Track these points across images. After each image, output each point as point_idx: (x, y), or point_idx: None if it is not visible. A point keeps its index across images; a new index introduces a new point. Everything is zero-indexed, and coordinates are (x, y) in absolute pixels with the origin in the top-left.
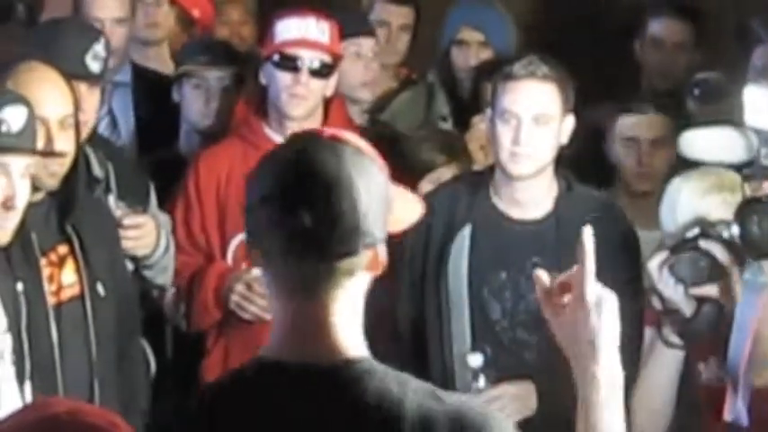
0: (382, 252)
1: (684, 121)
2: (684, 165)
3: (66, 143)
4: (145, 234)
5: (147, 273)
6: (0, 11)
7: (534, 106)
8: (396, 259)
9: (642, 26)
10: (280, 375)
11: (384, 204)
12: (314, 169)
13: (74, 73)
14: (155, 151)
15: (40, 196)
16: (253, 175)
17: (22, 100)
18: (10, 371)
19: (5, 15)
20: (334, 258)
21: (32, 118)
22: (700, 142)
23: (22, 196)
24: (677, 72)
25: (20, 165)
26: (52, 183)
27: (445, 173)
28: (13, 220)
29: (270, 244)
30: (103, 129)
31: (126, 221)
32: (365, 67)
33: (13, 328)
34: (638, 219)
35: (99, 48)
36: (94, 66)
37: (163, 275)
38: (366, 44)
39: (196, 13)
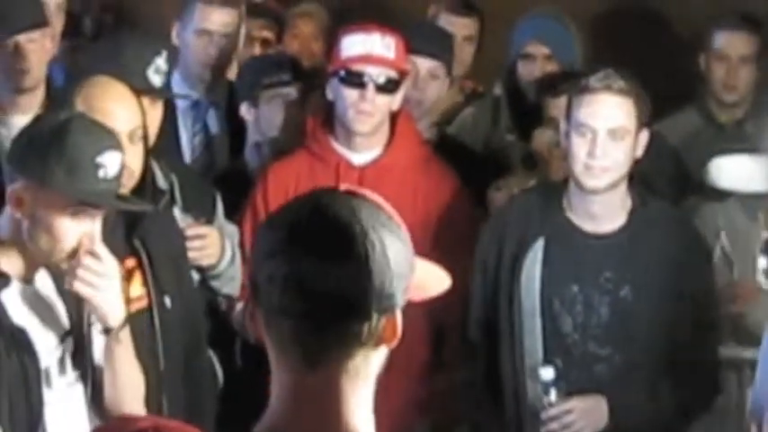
0: (399, 320)
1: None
2: (713, 193)
3: (135, 157)
4: (209, 245)
5: (213, 283)
6: (68, 25)
7: (610, 120)
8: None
9: (707, 38)
10: None
11: (405, 267)
12: (327, 222)
13: (135, 87)
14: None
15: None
16: (260, 228)
17: (120, 145)
18: (72, 377)
19: (74, 30)
20: (345, 321)
21: (124, 164)
22: (728, 170)
23: (98, 238)
24: (742, 84)
25: (104, 209)
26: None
27: (520, 183)
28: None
29: (273, 302)
30: (198, 145)
31: (189, 232)
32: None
33: (77, 328)
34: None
35: (161, 61)
36: (156, 79)
37: (229, 285)
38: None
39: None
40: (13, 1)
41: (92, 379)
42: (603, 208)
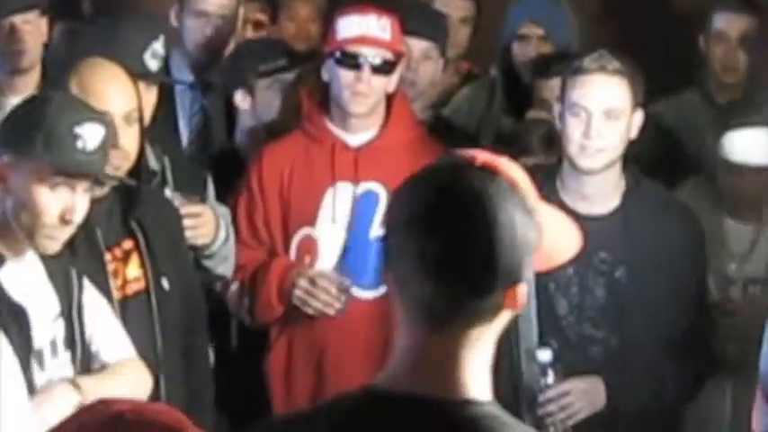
0: (522, 291)
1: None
2: (726, 166)
3: (130, 139)
4: (203, 223)
5: (207, 263)
6: (67, 7)
7: (605, 100)
8: None
9: (707, 20)
10: (398, 407)
11: (532, 242)
12: (462, 198)
13: (132, 71)
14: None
15: (104, 191)
16: (397, 195)
17: (102, 120)
18: (64, 358)
19: (72, 11)
20: (470, 293)
21: (108, 139)
22: (742, 144)
23: (81, 212)
24: (742, 66)
25: (85, 183)
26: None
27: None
28: (66, 232)
29: (406, 268)
30: (195, 126)
31: (183, 211)
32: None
33: (67, 312)
34: None
35: (158, 46)
36: (153, 64)
37: (223, 265)
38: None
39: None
40: None
41: (81, 362)
42: (598, 189)
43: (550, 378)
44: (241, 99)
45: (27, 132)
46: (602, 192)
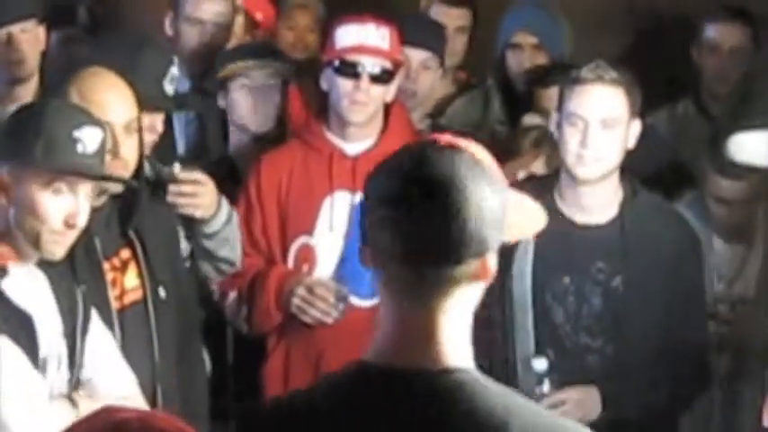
0: (492, 261)
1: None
2: (732, 167)
3: (130, 148)
4: (203, 192)
5: (208, 243)
6: (63, 15)
7: (602, 109)
8: None
9: (699, 31)
10: (382, 379)
11: (499, 214)
12: (431, 175)
13: (152, 97)
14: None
15: (102, 201)
16: (372, 175)
17: (99, 123)
18: (65, 376)
19: (68, 19)
20: (440, 265)
21: (105, 142)
22: (749, 145)
23: (84, 216)
24: (734, 76)
25: (87, 186)
26: (117, 187)
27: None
28: (71, 237)
29: (384, 245)
30: (190, 134)
31: (182, 176)
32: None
33: (69, 332)
34: None
35: (174, 70)
36: (170, 89)
37: (226, 248)
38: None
39: (259, 16)
40: None
41: (76, 385)
42: (595, 199)
43: (546, 387)
44: (221, 100)
45: (26, 141)
46: (600, 202)
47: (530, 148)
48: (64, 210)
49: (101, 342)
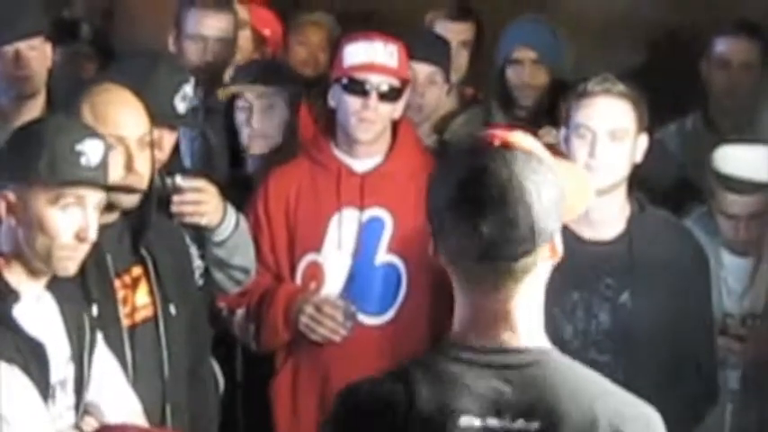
0: (558, 241)
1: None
2: (718, 179)
3: (144, 162)
4: (207, 199)
5: (219, 252)
6: (66, 31)
7: (609, 121)
8: None
9: (708, 45)
10: (464, 354)
11: (557, 201)
12: (488, 178)
13: (162, 114)
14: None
15: (113, 218)
16: (433, 183)
17: (100, 135)
18: (71, 401)
19: (71, 35)
20: (511, 259)
21: (107, 153)
22: (735, 159)
23: (94, 229)
24: (744, 91)
25: (95, 198)
26: (130, 201)
27: None
28: (82, 251)
29: (452, 245)
30: (196, 151)
31: (184, 184)
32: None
33: (77, 356)
34: None
35: (188, 88)
36: (181, 107)
37: (239, 255)
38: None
39: (267, 32)
40: (14, 8)
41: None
42: (602, 214)
43: None
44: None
45: (29, 158)
46: (608, 217)
47: None
48: (74, 224)
49: (105, 366)
